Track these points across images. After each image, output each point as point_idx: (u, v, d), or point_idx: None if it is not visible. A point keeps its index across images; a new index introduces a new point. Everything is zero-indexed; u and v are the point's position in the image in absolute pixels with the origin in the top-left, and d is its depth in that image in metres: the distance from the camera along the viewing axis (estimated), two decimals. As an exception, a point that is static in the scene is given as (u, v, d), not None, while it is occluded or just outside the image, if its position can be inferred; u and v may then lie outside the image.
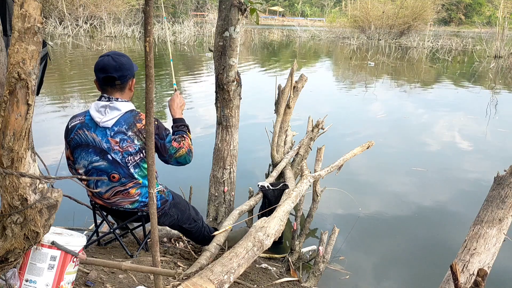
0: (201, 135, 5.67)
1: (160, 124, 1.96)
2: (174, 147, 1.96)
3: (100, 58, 1.89)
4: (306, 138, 3.98)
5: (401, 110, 7.84)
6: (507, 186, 1.80)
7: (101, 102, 1.88)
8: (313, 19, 47.15)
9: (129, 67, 1.89)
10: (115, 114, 1.86)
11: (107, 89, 1.89)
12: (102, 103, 1.88)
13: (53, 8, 21.43)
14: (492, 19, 37.36)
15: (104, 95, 1.89)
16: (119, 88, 1.90)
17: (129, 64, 1.90)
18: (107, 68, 1.85)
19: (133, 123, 1.87)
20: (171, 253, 2.41)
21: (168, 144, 1.95)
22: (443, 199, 4.05)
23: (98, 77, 1.88)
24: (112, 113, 1.86)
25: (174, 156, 1.98)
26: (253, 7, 2.60)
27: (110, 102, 1.87)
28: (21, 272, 1.28)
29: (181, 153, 1.99)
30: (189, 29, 22.18)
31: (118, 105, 1.87)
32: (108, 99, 1.88)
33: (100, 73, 1.87)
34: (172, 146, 1.96)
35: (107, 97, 1.89)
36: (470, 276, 1.64)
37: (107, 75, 1.85)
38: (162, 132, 1.94)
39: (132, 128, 1.86)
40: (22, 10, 0.92)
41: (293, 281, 2.39)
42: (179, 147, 1.97)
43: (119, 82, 1.88)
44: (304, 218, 3.28)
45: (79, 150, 1.92)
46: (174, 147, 1.96)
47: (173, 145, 1.96)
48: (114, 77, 1.86)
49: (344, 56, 17.72)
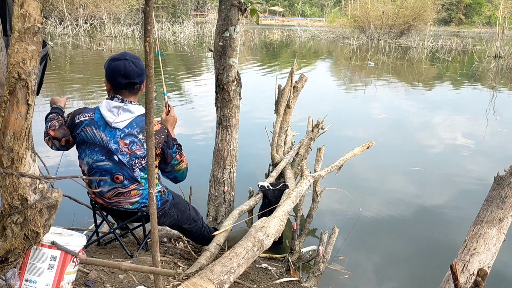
0: (201, 135, 5.67)
1: (169, 133, 1.96)
2: (177, 159, 2.00)
3: (119, 62, 1.85)
4: (306, 138, 3.99)
5: (401, 110, 7.84)
6: (507, 186, 1.80)
7: (114, 102, 1.87)
8: (313, 19, 47.12)
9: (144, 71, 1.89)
10: (128, 116, 1.86)
11: (124, 92, 1.88)
12: (115, 103, 1.86)
13: (53, 8, 21.42)
14: (492, 19, 37.36)
15: (118, 96, 1.88)
16: (135, 92, 1.91)
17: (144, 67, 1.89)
18: (131, 75, 1.84)
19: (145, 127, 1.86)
20: (171, 253, 2.41)
21: (174, 154, 1.98)
22: (443, 199, 4.05)
23: (119, 83, 1.85)
24: (125, 114, 1.85)
25: (175, 167, 2.02)
26: (253, 7, 2.60)
27: (124, 104, 1.86)
28: (21, 272, 1.28)
29: (181, 167, 2.04)
30: (189, 29, 22.17)
31: (132, 107, 1.87)
32: (122, 100, 1.87)
33: (122, 78, 1.84)
34: (176, 157, 2.00)
35: (120, 99, 1.87)
36: (470, 276, 1.64)
37: (130, 81, 1.85)
38: (171, 141, 1.96)
39: (143, 132, 1.86)
40: (22, 10, 0.92)
41: (293, 281, 2.39)
42: (181, 160, 2.02)
43: (138, 86, 1.90)
44: (304, 218, 3.28)
45: (84, 147, 1.91)
46: (177, 159, 2.00)
47: (177, 157, 2.00)
48: (136, 83, 1.87)
49: (344, 56, 17.72)
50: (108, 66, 1.88)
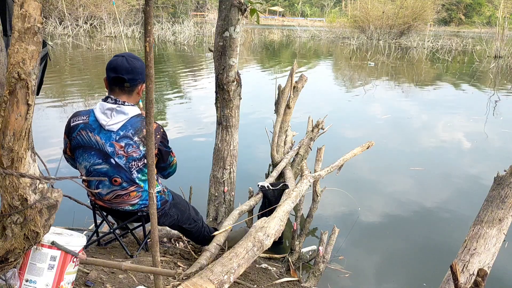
0: (201, 135, 5.67)
1: (164, 132, 1.98)
2: (172, 157, 2.08)
3: (114, 58, 1.86)
4: (306, 138, 3.99)
5: (401, 110, 7.84)
6: (507, 186, 1.81)
7: (107, 104, 1.83)
8: (313, 19, 47.14)
9: (141, 71, 1.86)
10: (122, 118, 1.83)
11: (115, 90, 1.86)
12: (108, 105, 1.83)
13: (53, 8, 21.42)
14: (492, 19, 37.36)
15: (111, 97, 1.85)
16: (127, 91, 1.86)
17: (142, 68, 1.86)
18: (119, 69, 1.82)
19: (140, 128, 1.84)
20: (171, 253, 2.41)
21: (169, 151, 2.04)
22: (443, 199, 4.05)
23: (109, 76, 1.85)
24: (118, 116, 1.82)
25: (170, 164, 2.09)
26: (253, 7, 2.60)
27: (117, 105, 1.83)
28: (21, 272, 1.28)
29: (174, 163, 2.14)
30: (189, 29, 22.18)
31: (125, 109, 1.84)
32: (115, 101, 1.84)
33: (111, 72, 1.84)
34: (171, 155, 2.06)
35: (114, 99, 1.84)
36: (470, 276, 1.64)
37: (117, 76, 1.82)
38: (166, 140, 1.99)
39: (139, 134, 1.84)
40: (22, 10, 0.92)
41: (293, 281, 2.39)
42: (173, 157, 2.11)
43: (128, 84, 1.85)
44: (304, 218, 3.28)
45: (80, 151, 1.89)
46: (172, 156, 2.08)
47: (171, 154, 2.07)
48: (124, 79, 1.83)
49: (344, 56, 17.72)
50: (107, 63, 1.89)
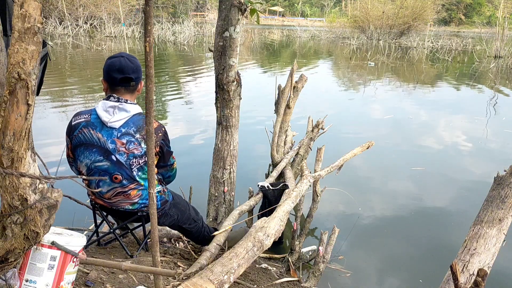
0: (201, 135, 5.67)
1: (166, 131, 1.99)
2: (173, 159, 2.10)
3: (115, 59, 1.87)
4: (306, 138, 3.99)
5: (401, 110, 7.84)
6: (507, 186, 1.81)
7: (110, 102, 1.86)
8: (313, 19, 47.13)
9: (141, 70, 1.91)
10: (124, 115, 1.85)
11: (119, 90, 1.88)
12: (111, 103, 1.86)
13: (53, 8, 21.42)
14: (492, 19, 37.38)
15: (113, 95, 1.87)
16: (131, 89, 1.90)
17: (141, 66, 1.91)
18: (125, 69, 1.84)
19: (142, 126, 1.87)
20: (171, 253, 2.41)
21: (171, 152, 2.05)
22: (443, 199, 4.05)
23: (114, 78, 1.86)
24: (120, 114, 1.85)
25: (171, 166, 2.10)
26: (253, 7, 2.60)
27: (120, 103, 1.86)
28: (21, 272, 1.28)
29: (175, 166, 2.15)
30: (189, 29, 22.18)
31: (127, 106, 1.87)
32: (117, 99, 1.86)
33: (117, 73, 1.85)
34: (172, 157, 2.08)
35: (116, 98, 1.87)
36: (470, 276, 1.64)
37: (125, 76, 1.84)
38: (167, 139, 2.00)
39: (140, 131, 1.86)
40: (22, 10, 0.92)
41: (293, 281, 2.39)
42: (174, 160, 2.12)
43: (134, 83, 1.89)
44: (304, 218, 3.28)
45: (81, 149, 1.90)
46: (173, 159, 2.09)
47: (173, 157, 2.09)
48: (131, 78, 1.86)
49: (344, 56, 17.72)
50: (105, 64, 1.89)
